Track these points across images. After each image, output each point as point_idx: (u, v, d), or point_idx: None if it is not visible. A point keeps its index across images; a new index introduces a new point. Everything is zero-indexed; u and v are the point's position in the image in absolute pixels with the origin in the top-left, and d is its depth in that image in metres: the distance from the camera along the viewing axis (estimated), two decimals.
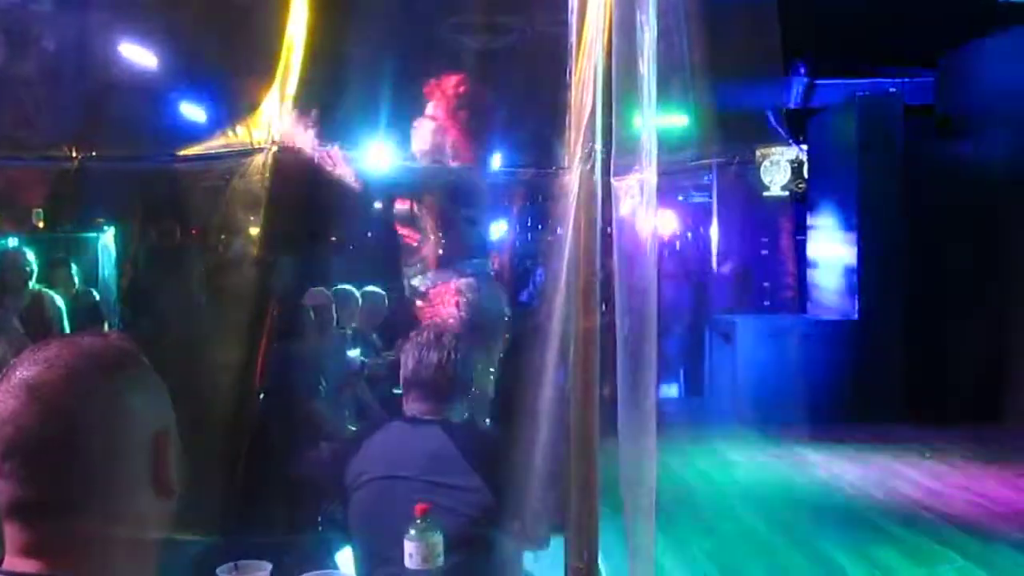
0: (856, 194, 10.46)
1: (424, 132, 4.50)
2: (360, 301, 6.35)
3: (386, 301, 6.45)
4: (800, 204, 12.35)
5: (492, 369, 4.24)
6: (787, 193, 12.32)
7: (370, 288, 6.45)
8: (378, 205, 4.79)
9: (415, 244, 4.58)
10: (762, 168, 12.31)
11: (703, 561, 5.30)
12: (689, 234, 14.33)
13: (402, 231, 4.61)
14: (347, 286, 6.31)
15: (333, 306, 5.88)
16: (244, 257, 4.78)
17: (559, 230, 1.85)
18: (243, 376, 4.69)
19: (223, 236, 5.09)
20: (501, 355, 4.41)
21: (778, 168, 12.38)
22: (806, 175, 12.13)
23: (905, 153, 10.30)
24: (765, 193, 12.19)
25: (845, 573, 5.30)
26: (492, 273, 4.91)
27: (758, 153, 12.28)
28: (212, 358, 4.47)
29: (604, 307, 1.82)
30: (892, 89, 10.68)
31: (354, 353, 5.83)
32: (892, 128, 10.43)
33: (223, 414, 4.23)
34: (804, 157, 12.18)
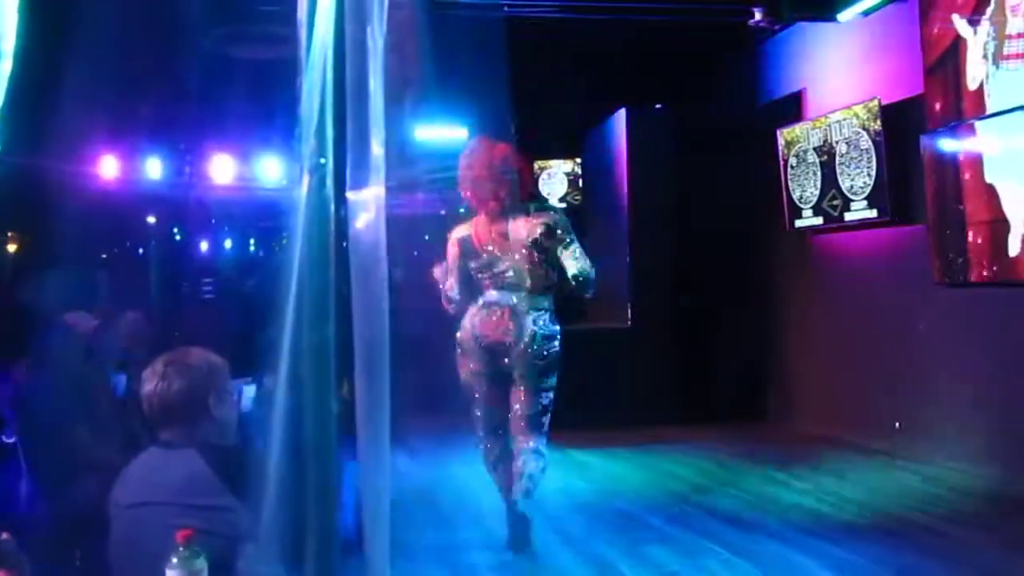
0: (626, 206, 10.82)
1: None
2: (126, 321, 6.09)
3: (150, 321, 6.23)
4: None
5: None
6: (564, 205, 12.67)
7: (135, 310, 6.21)
8: (152, 219, 4.62)
9: None
10: (540, 180, 12.62)
11: (482, 569, 5.34)
12: None
13: None
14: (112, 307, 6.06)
15: (97, 328, 5.63)
16: None
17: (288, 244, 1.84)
18: None
19: None
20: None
21: (555, 180, 12.73)
22: (582, 187, 12.52)
23: (674, 167, 10.74)
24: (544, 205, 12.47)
25: (621, 573, 5.45)
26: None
27: (535, 165, 12.59)
28: None
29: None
30: (659, 105, 11.07)
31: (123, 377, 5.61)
32: (661, 144, 10.82)
33: None
34: (580, 170, 12.57)
